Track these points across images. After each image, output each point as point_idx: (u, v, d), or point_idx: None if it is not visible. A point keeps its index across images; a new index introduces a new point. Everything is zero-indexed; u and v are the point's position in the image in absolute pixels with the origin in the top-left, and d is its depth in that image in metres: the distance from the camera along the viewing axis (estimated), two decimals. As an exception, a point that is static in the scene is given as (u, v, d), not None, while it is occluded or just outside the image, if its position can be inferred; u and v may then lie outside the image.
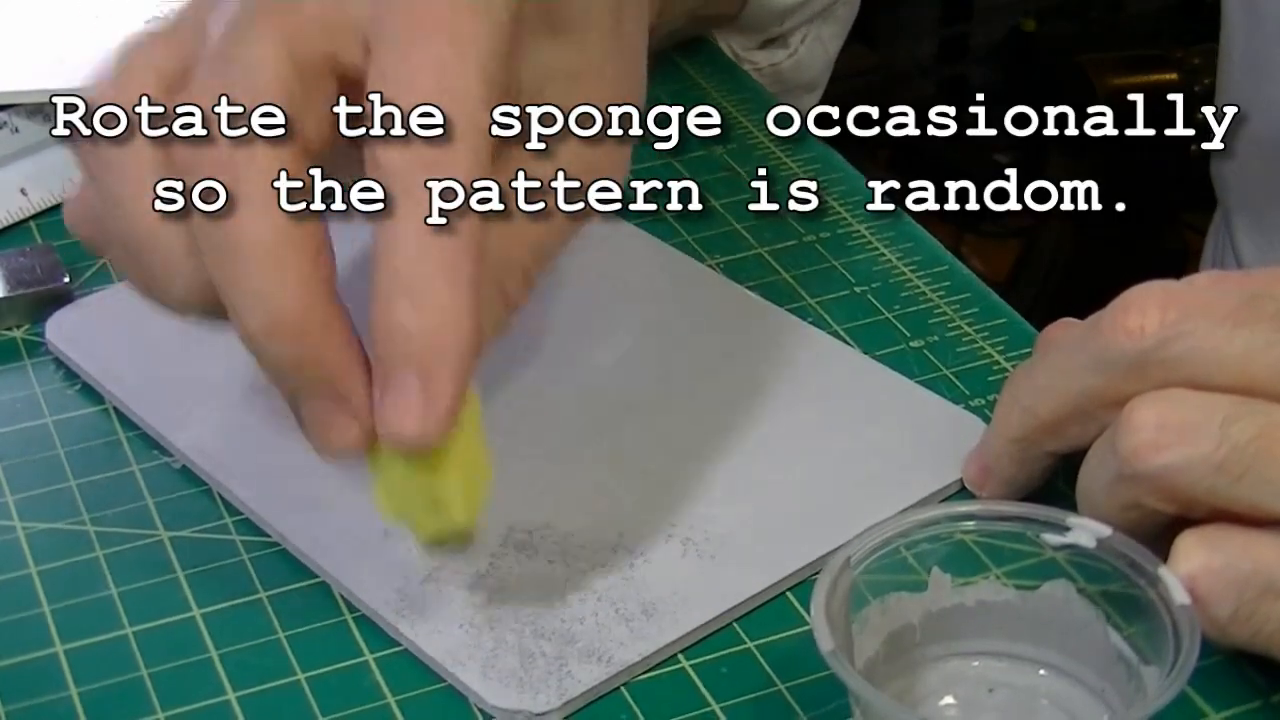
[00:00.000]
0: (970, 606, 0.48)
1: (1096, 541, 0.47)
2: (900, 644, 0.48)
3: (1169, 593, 0.45)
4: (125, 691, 0.49)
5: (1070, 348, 0.50)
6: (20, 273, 0.63)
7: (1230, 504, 0.46)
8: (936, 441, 0.56)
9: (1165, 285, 0.48)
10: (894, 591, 0.48)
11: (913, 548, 0.48)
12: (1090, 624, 0.47)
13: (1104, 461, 0.48)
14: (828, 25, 0.82)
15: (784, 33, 0.81)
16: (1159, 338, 0.47)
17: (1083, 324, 0.50)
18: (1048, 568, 0.48)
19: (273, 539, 0.54)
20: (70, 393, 0.60)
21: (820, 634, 0.44)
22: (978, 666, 0.48)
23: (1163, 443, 0.46)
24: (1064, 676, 0.48)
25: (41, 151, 0.70)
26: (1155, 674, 0.45)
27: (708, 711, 0.49)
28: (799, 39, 0.81)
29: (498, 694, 0.48)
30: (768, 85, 0.78)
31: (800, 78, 0.82)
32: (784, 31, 0.80)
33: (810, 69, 0.82)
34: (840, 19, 0.83)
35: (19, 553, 0.54)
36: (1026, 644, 0.48)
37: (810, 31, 0.81)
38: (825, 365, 0.59)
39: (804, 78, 0.82)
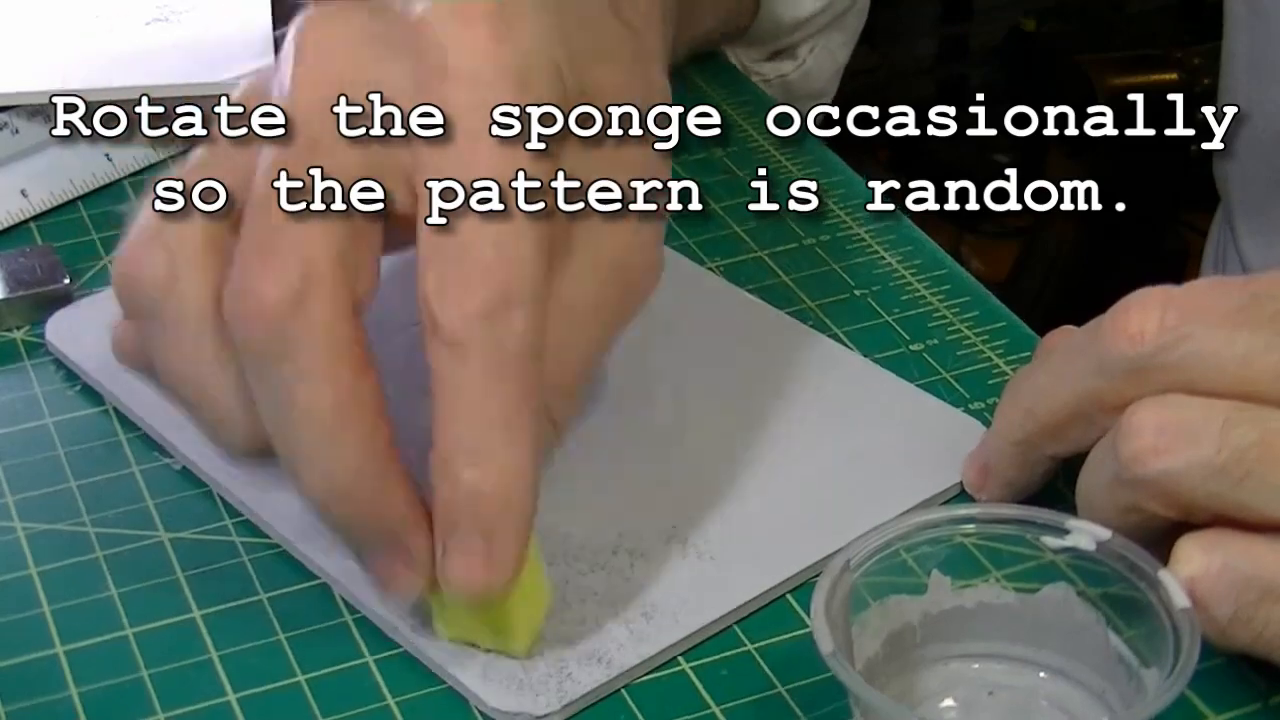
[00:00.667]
0: (970, 608, 0.48)
1: (1096, 544, 0.47)
2: (900, 646, 0.48)
3: (1169, 595, 0.45)
4: (125, 692, 0.49)
5: (1071, 352, 0.50)
6: (20, 273, 0.63)
7: (1230, 508, 0.46)
8: (936, 444, 0.56)
9: (1165, 289, 0.48)
10: (894, 594, 0.48)
11: (913, 550, 0.48)
12: (1090, 626, 0.47)
13: (1104, 465, 0.48)
14: (836, 34, 0.82)
15: (793, 44, 0.81)
16: (1159, 342, 0.47)
17: (1083, 329, 0.50)
18: (1048, 570, 0.48)
19: (273, 540, 0.54)
20: (70, 393, 0.60)
21: (820, 636, 0.44)
22: (978, 668, 0.48)
23: (1163, 447, 0.46)
24: (1064, 679, 0.48)
25: (42, 152, 0.70)
26: (1155, 676, 0.45)
27: (708, 713, 0.49)
28: (807, 50, 0.81)
29: (498, 696, 0.48)
30: (775, 96, 0.78)
31: (809, 88, 0.82)
32: (793, 43, 0.80)
33: (819, 79, 0.82)
34: (849, 28, 0.83)
35: (19, 553, 0.54)
36: (1026, 646, 0.48)
37: (819, 42, 0.81)
38: (825, 368, 0.59)
39: (812, 87, 0.82)
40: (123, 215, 0.68)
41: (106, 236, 0.67)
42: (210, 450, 0.56)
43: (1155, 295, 0.48)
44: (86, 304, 0.63)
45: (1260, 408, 0.46)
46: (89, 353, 0.60)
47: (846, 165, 0.71)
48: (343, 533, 0.48)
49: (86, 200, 0.69)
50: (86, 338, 0.61)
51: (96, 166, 0.70)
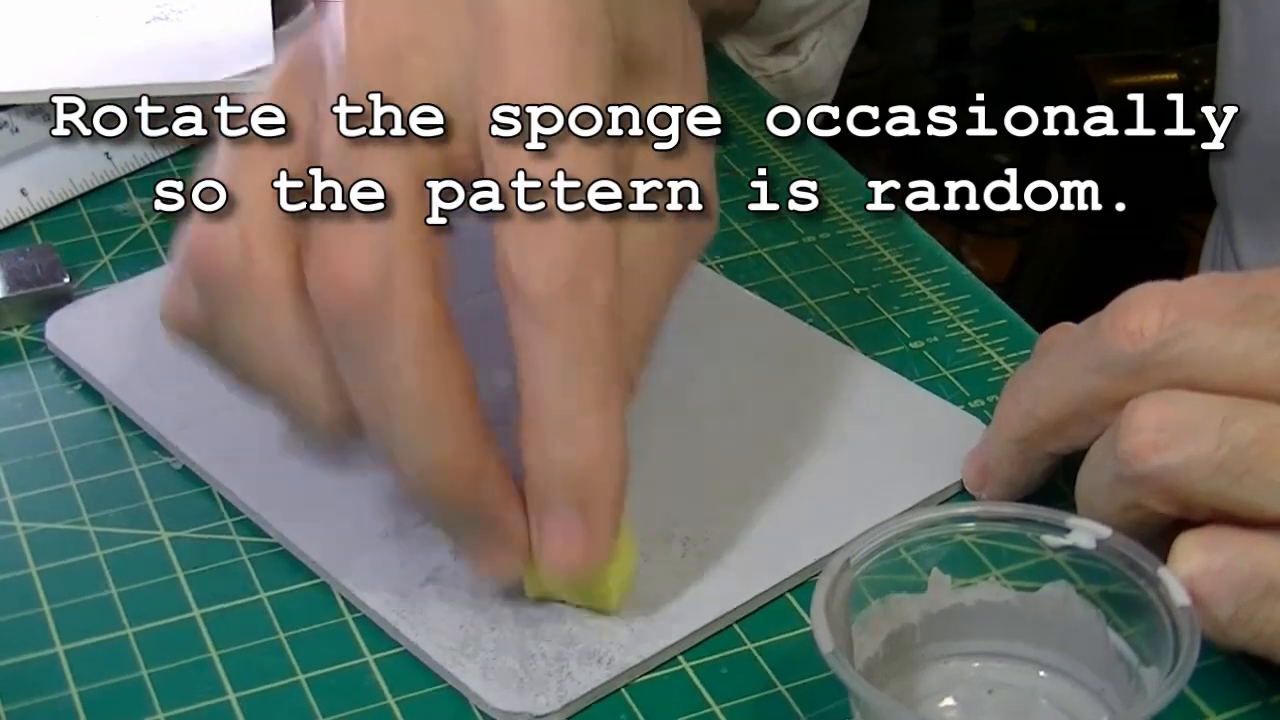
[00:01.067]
0: (970, 607, 0.48)
1: (1096, 543, 0.47)
2: (900, 645, 0.48)
3: (1169, 594, 0.45)
4: (125, 691, 0.49)
5: (1070, 349, 0.50)
6: (20, 273, 0.63)
7: (1230, 505, 0.46)
8: (936, 443, 0.56)
9: (1165, 286, 0.48)
10: (894, 592, 0.48)
11: (912, 549, 0.48)
12: (1090, 625, 0.47)
13: (1104, 462, 0.48)
14: (837, 33, 0.82)
15: (794, 37, 0.81)
16: (1158, 339, 0.47)
17: (1082, 325, 0.50)
18: (1047, 569, 0.48)
19: (273, 539, 0.54)
20: (70, 393, 0.60)
21: (820, 635, 0.44)
22: (978, 667, 0.48)
23: (1163, 443, 0.46)
24: (1064, 677, 0.48)
25: (42, 151, 0.70)
26: (1155, 675, 0.45)
27: (708, 713, 0.49)
28: (809, 45, 0.81)
29: (498, 695, 0.48)
30: (777, 93, 0.78)
31: (810, 85, 0.82)
32: (794, 35, 0.80)
33: (820, 76, 0.82)
34: (849, 26, 0.83)
35: (19, 553, 0.54)
36: (1026, 645, 0.48)
37: (821, 39, 0.81)
38: (825, 366, 0.59)
39: (814, 85, 0.82)
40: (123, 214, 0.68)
41: (106, 235, 0.67)
42: (210, 450, 0.56)
43: (1155, 292, 0.48)
44: (86, 303, 0.63)
45: (1260, 404, 0.46)
46: (89, 352, 0.60)
47: (847, 163, 0.71)
48: (440, 513, 0.48)
49: (86, 199, 0.69)
50: (86, 337, 0.61)
51: (96, 165, 0.70)
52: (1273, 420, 0.46)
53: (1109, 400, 0.48)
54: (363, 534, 0.53)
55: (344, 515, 0.53)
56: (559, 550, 0.47)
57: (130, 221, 0.68)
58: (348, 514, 0.53)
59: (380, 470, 0.48)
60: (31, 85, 0.71)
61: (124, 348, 0.60)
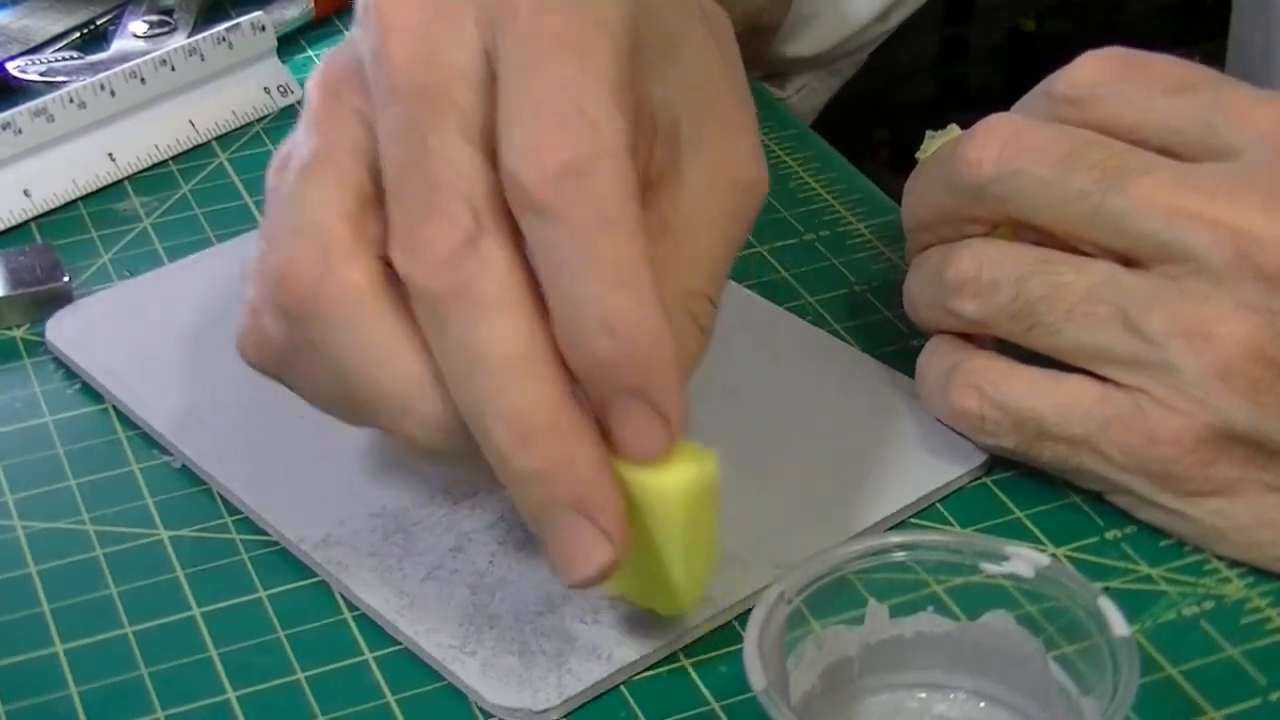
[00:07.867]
0: (909, 638, 0.47)
1: (1035, 571, 0.46)
2: (838, 678, 0.47)
3: (1108, 625, 0.44)
4: (125, 691, 0.49)
5: (937, 163, 0.55)
6: (20, 273, 0.64)
7: (1024, 345, 0.53)
8: (935, 441, 0.56)
9: (1013, 121, 0.53)
10: (831, 624, 0.47)
11: (848, 580, 0.47)
12: (1030, 656, 0.46)
13: (931, 283, 0.55)
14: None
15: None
16: (991, 175, 0.53)
17: (954, 139, 0.55)
18: (987, 597, 0.47)
19: (272, 538, 0.54)
20: (70, 393, 0.60)
21: (753, 672, 0.43)
22: (920, 699, 0.48)
23: (969, 293, 0.53)
24: (1004, 707, 0.47)
25: (44, 152, 0.70)
26: (1094, 706, 0.44)
27: (707, 710, 0.49)
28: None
29: (497, 692, 0.48)
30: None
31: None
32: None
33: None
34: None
35: (19, 552, 0.54)
36: (966, 675, 0.48)
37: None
38: (825, 364, 0.60)
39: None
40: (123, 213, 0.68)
41: (106, 235, 0.67)
42: (210, 449, 0.56)
43: (1002, 127, 0.53)
44: (86, 303, 0.63)
45: (1055, 264, 0.52)
46: (89, 352, 0.60)
47: (847, 163, 0.71)
48: (533, 488, 0.46)
49: (86, 199, 0.69)
50: (86, 337, 0.61)
51: (100, 166, 0.70)
52: (1063, 279, 0.52)
53: (961, 216, 0.55)
54: (362, 532, 0.53)
55: (344, 514, 0.53)
56: (633, 440, 0.45)
57: (130, 221, 0.68)
58: (347, 513, 0.53)
59: (486, 489, 0.47)
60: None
61: (124, 348, 0.60)
